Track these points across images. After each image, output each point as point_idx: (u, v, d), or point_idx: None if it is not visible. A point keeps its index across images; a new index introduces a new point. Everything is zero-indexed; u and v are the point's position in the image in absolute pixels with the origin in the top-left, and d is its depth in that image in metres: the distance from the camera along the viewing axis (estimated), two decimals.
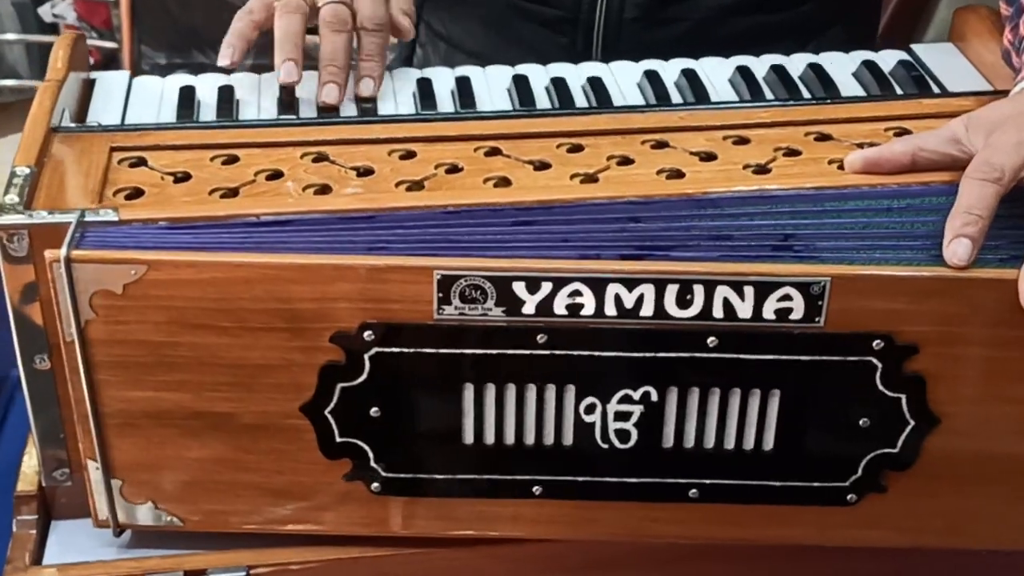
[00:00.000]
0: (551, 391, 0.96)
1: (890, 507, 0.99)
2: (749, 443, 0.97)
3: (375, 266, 0.91)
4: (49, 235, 0.93)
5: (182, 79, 1.20)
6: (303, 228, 0.95)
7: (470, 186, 1.01)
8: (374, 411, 0.95)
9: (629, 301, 0.92)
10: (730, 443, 0.98)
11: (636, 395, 0.96)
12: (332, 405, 0.95)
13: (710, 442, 0.98)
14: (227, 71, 1.20)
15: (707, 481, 0.99)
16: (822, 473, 0.99)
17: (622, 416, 0.96)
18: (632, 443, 0.97)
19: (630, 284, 0.91)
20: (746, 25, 1.32)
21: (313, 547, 1.01)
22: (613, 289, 0.91)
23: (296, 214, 0.95)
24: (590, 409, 0.96)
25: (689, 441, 0.98)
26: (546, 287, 0.91)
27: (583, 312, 0.92)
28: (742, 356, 0.94)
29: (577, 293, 0.91)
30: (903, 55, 1.25)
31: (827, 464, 0.98)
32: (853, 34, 1.37)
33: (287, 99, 1.15)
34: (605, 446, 0.97)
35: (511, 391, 0.96)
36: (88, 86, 1.18)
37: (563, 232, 0.95)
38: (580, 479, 0.98)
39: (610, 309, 0.92)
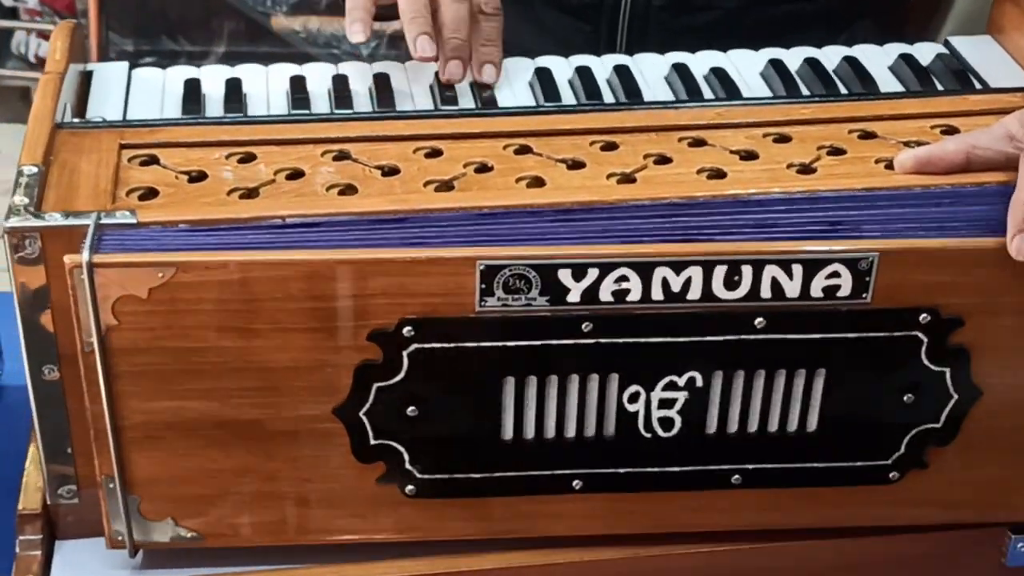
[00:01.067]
0: (594, 381, 0.99)
1: (931, 483, 1.04)
2: (793, 425, 1.02)
3: (416, 259, 0.94)
4: (63, 238, 0.95)
5: (184, 71, 1.22)
6: (332, 230, 0.98)
7: (502, 186, 1.03)
8: (411, 410, 0.98)
9: (676, 284, 0.96)
10: (774, 426, 1.02)
11: (681, 381, 0.99)
12: (367, 406, 0.98)
13: (754, 426, 1.02)
14: (217, 65, 1.23)
15: (750, 466, 1.03)
16: (865, 452, 1.04)
17: (666, 403, 1.00)
18: (675, 431, 1.01)
19: (678, 267, 0.95)
20: (776, 14, 1.35)
21: (339, 562, 1.03)
22: (660, 273, 0.95)
23: (324, 216, 0.98)
24: (634, 398, 1.00)
25: (733, 426, 1.02)
26: (592, 273, 0.95)
27: (629, 298, 0.96)
28: (789, 336, 0.99)
29: (623, 279, 0.95)
30: (940, 48, 1.29)
31: (870, 442, 1.04)
32: (885, 24, 1.40)
33: (298, 92, 1.17)
34: (648, 435, 1.01)
35: (553, 383, 0.99)
36: (85, 79, 1.20)
37: (603, 226, 0.98)
38: (621, 471, 1.02)
39: (657, 293, 0.96)
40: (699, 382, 0.99)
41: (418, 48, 1.17)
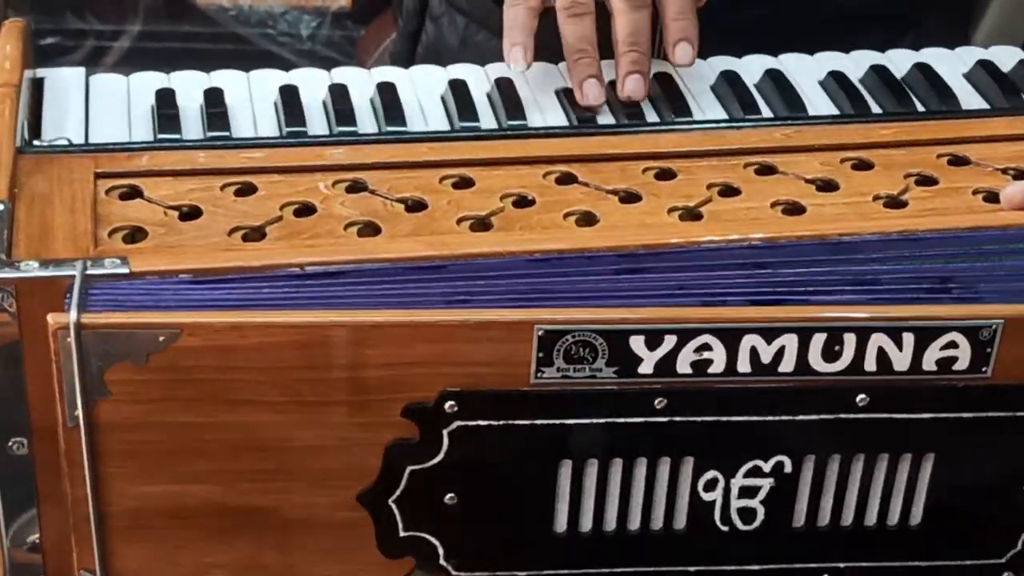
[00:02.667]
0: (665, 465, 0.96)
1: None
2: (894, 517, 0.99)
3: (465, 322, 0.89)
4: (41, 291, 0.90)
5: (151, 79, 1.18)
6: (360, 281, 0.93)
7: (548, 223, 1.00)
8: (449, 498, 0.94)
9: (767, 355, 0.92)
10: (872, 518, 0.99)
11: (767, 466, 0.96)
12: (398, 492, 0.94)
13: (848, 518, 0.99)
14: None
15: (842, 564, 1.00)
16: (976, 549, 1.00)
17: (748, 492, 0.97)
18: (757, 523, 0.97)
19: (769, 335, 0.91)
20: (835, 11, 1.32)
21: None
22: (749, 341, 0.91)
23: (348, 263, 0.94)
24: (710, 485, 0.96)
25: (824, 518, 0.99)
26: (669, 341, 0.91)
27: (711, 370, 0.92)
28: (895, 416, 0.95)
29: (706, 347, 0.91)
30: (1019, 53, 1.26)
31: (983, 538, 1.00)
32: (953, 22, 1.38)
33: (290, 105, 1.13)
34: (725, 528, 0.97)
35: (617, 467, 0.95)
36: (35, 88, 1.14)
37: (677, 279, 0.95)
38: (692, 569, 0.98)
39: (743, 365, 0.92)
40: (787, 467, 0.95)
41: (586, 94, 1.16)
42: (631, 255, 0.97)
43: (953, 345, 0.92)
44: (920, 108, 1.19)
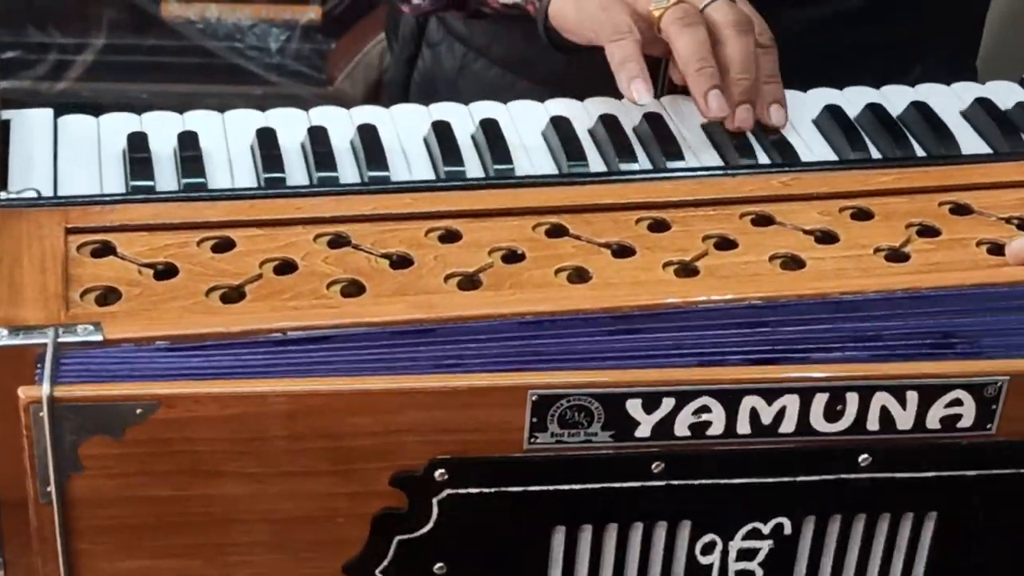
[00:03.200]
0: (662, 529, 0.94)
1: None
2: None
3: (455, 388, 0.87)
4: (9, 360, 0.88)
5: (123, 121, 1.16)
6: (345, 347, 0.91)
7: (539, 281, 0.98)
8: (439, 567, 0.92)
9: (767, 416, 0.90)
10: None
11: (766, 528, 0.95)
12: (386, 563, 0.92)
13: None
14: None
15: None
16: None
17: (746, 554, 0.95)
18: None
19: (770, 395, 0.90)
20: (837, 44, 1.31)
21: None
22: (749, 402, 0.90)
23: (333, 328, 0.91)
24: (708, 548, 0.95)
25: None
26: (667, 404, 0.89)
27: (710, 432, 0.91)
28: (898, 475, 0.94)
29: (704, 409, 0.90)
30: (1018, 90, 1.25)
31: None
32: (960, 52, 1.36)
33: (268, 149, 1.10)
34: None
35: (612, 532, 0.94)
36: (1, 131, 1.12)
37: (674, 339, 0.93)
38: None
39: (743, 427, 0.91)
40: (787, 529, 0.94)
41: (711, 106, 1.14)
42: (626, 316, 0.94)
43: (957, 403, 0.91)
44: (918, 150, 1.17)
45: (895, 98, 1.24)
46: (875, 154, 1.17)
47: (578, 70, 1.24)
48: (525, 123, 1.18)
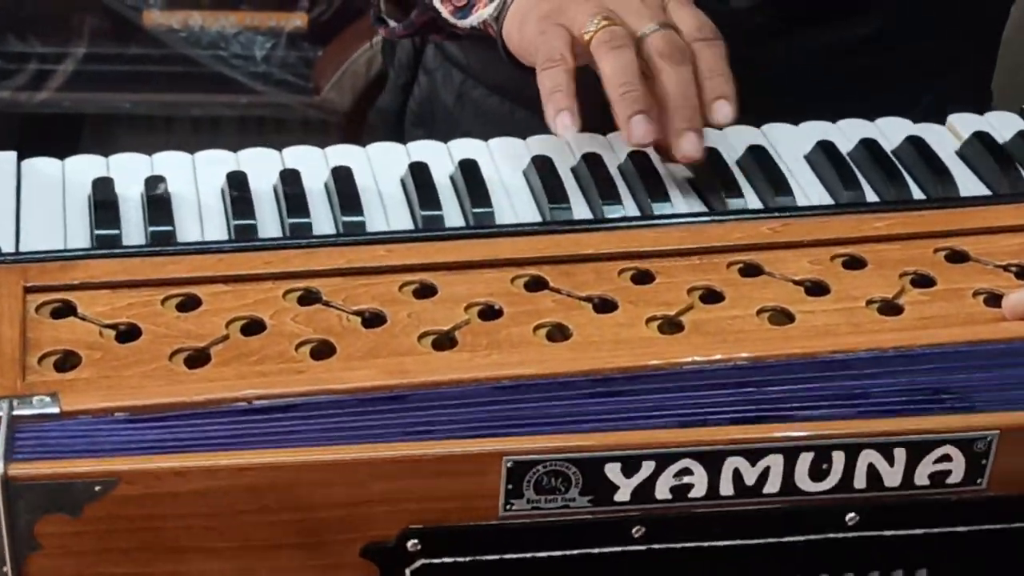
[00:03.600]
0: None
1: None
2: None
3: (428, 456, 0.86)
4: None
5: (89, 165, 1.13)
6: (313, 415, 0.88)
7: (517, 339, 0.95)
8: None
9: (751, 476, 0.89)
10: None
11: None
12: None
13: None
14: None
15: None
16: None
17: None
18: None
19: (753, 456, 0.88)
20: (853, 67, 1.30)
21: None
22: (732, 463, 0.88)
23: (301, 395, 0.89)
24: None
25: None
26: (647, 467, 0.88)
27: (692, 494, 0.89)
28: (886, 533, 0.93)
29: (686, 471, 0.88)
30: (1018, 121, 1.22)
31: None
32: (976, 75, 1.34)
33: (238, 192, 1.08)
34: None
35: None
36: None
37: (654, 401, 0.91)
38: None
39: (726, 488, 0.89)
40: None
41: (635, 132, 1.09)
42: (606, 379, 0.92)
43: (947, 458, 0.90)
44: (913, 188, 1.14)
45: (890, 132, 1.21)
46: (868, 193, 1.13)
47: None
48: (506, 162, 1.15)
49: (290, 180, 1.10)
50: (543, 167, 1.13)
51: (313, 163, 1.14)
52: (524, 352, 0.94)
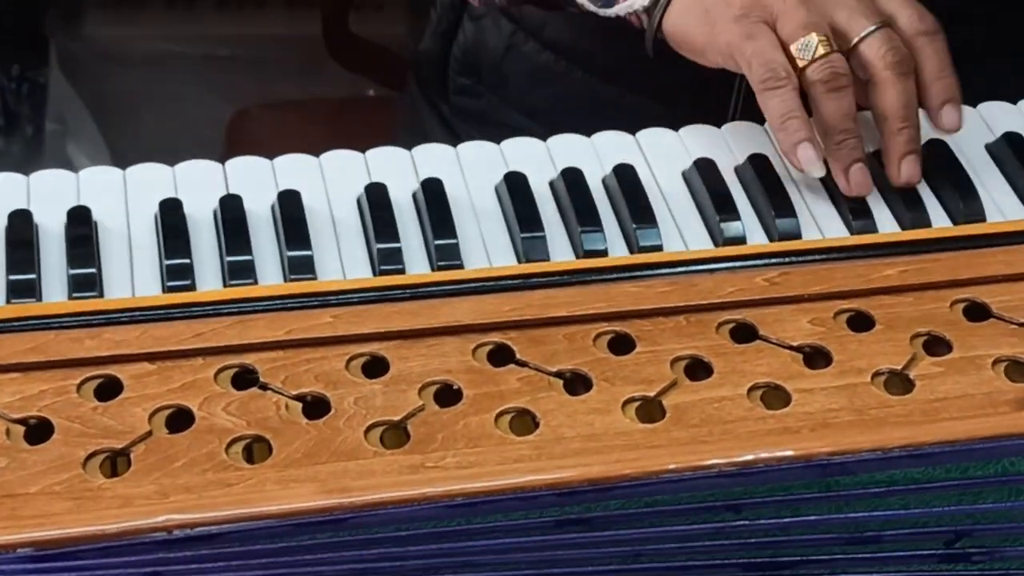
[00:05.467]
0: None
1: None
2: None
3: None
4: None
5: (8, 187, 1.03)
6: (239, 547, 0.82)
7: (476, 431, 0.88)
8: None
9: None
10: None
11: None
12: None
13: None
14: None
15: None
16: None
17: None
18: None
19: None
20: None
21: None
22: None
23: (226, 522, 0.82)
24: None
25: None
26: None
27: None
28: None
29: None
30: None
31: None
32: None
33: (173, 237, 0.99)
34: None
35: None
36: None
37: (631, 537, 0.85)
38: None
39: None
40: None
41: (853, 182, 1.06)
42: (574, 492, 0.85)
43: None
44: (933, 209, 1.05)
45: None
46: (880, 217, 1.04)
47: (643, 64, 1.14)
48: (477, 177, 1.06)
49: (230, 206, 1.02)
50: (517, 186, 1.04)
51: (260, 181, 1.05)
52: (482, 453, 0.87)
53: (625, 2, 1.13)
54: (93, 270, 0.98)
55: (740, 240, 1.03)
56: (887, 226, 1.06)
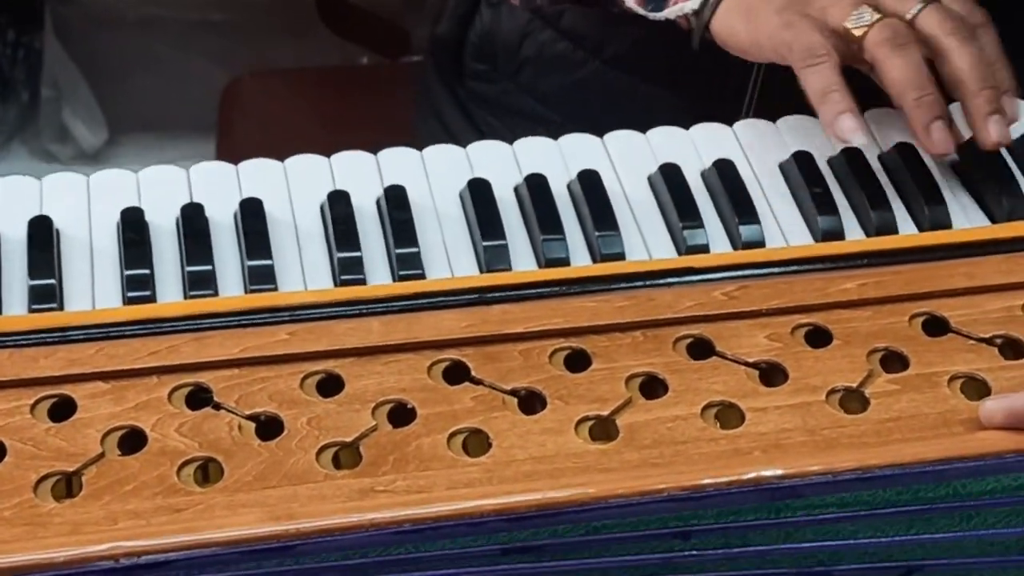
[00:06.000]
0: None
1: None
2: None
3: None
4: None
5: None
6: (182, 574, 0.82)
7: (428, 452, 0.89)
8: None
9: None
10: None
11: None
12: None
13: None
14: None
15: None
16: None
17: None
18: None
19: None
20: None
21: None
22: None
23: (173, 550, 0.83)
24: None
25: None
26: None
27: None
28: None
29: None
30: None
31: None
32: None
33: (134, 244, 1.00)
34: None
35: None
36: None
37: (579, 568, 0.87)
38: None
39: None
40: None
41: (935, 140, 1.05)
42: (521, 518, 0.86)
43: None
44: (898, 214, 1.05)
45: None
46: (846, 222, 1.04)
47: (658, 55, 1.18)
48: (442, 183, 1.07)
49: (192, 215, 1.02)
50: (479, 193, 1.05)
51: (223, 187, 1.06)
52: (432, 476, 0.88)
53: (676, 5, 1.14)
54: (51, 281, 0.99)
55: (703, 249, 1.03)
56: (853, 233, 1.05)
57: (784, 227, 1.06)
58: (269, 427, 0.90)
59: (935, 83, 1.05)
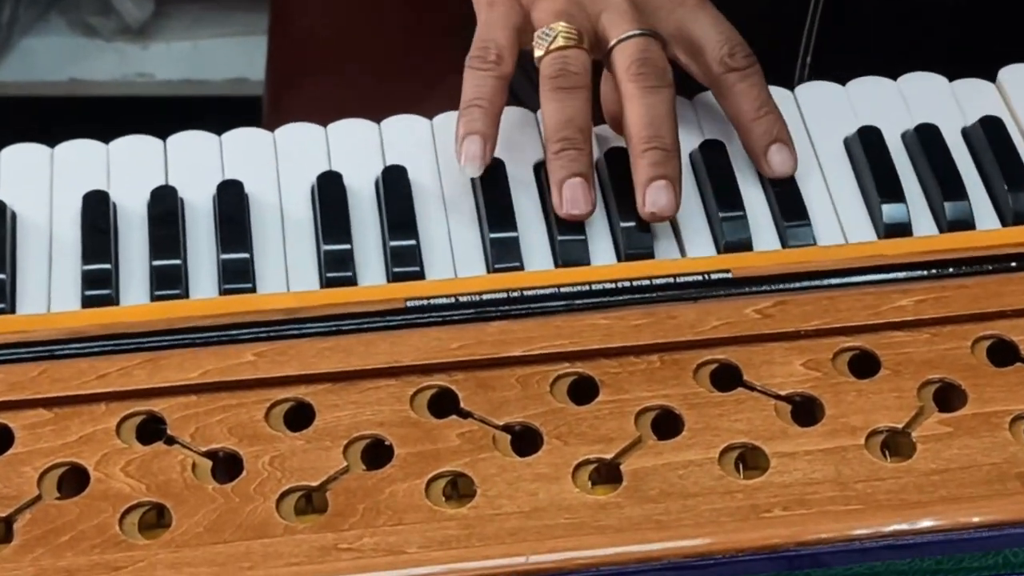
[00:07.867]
0: None
1: None
2: None
3: None
4: None
5: None
6: None
7: (403, 502, 0.87)
8: None
9: None
10: None
11: None
12: None
13: None
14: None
15: None
16: None
17: None
18: None
19: None
20: None
21: None
22: None
23: None
24: None
25: None
26: None
27: None
28: None
29: None
30: None
31: None
32: None
33: (94, 221, 0.98)
34: None
35: None
36: None
37: None
38: None
39: None
40: None
41: (565, 198, 1.00)
42: None
43: None
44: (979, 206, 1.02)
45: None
46: (916, 211, 1.00)
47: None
48: (454, 160, 1.03)
49: (162, 198, 1.00)
50: (491, 173, 1.01)
51: (203, 163, 1.04)
52: (405, 532, 0.86)
53: None
54: (3, 276, 0.97)
55: (746, 246, 0.99)
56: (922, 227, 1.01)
57: (842, 218, 1.01)
58: (226, 470, 0.88)
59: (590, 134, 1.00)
